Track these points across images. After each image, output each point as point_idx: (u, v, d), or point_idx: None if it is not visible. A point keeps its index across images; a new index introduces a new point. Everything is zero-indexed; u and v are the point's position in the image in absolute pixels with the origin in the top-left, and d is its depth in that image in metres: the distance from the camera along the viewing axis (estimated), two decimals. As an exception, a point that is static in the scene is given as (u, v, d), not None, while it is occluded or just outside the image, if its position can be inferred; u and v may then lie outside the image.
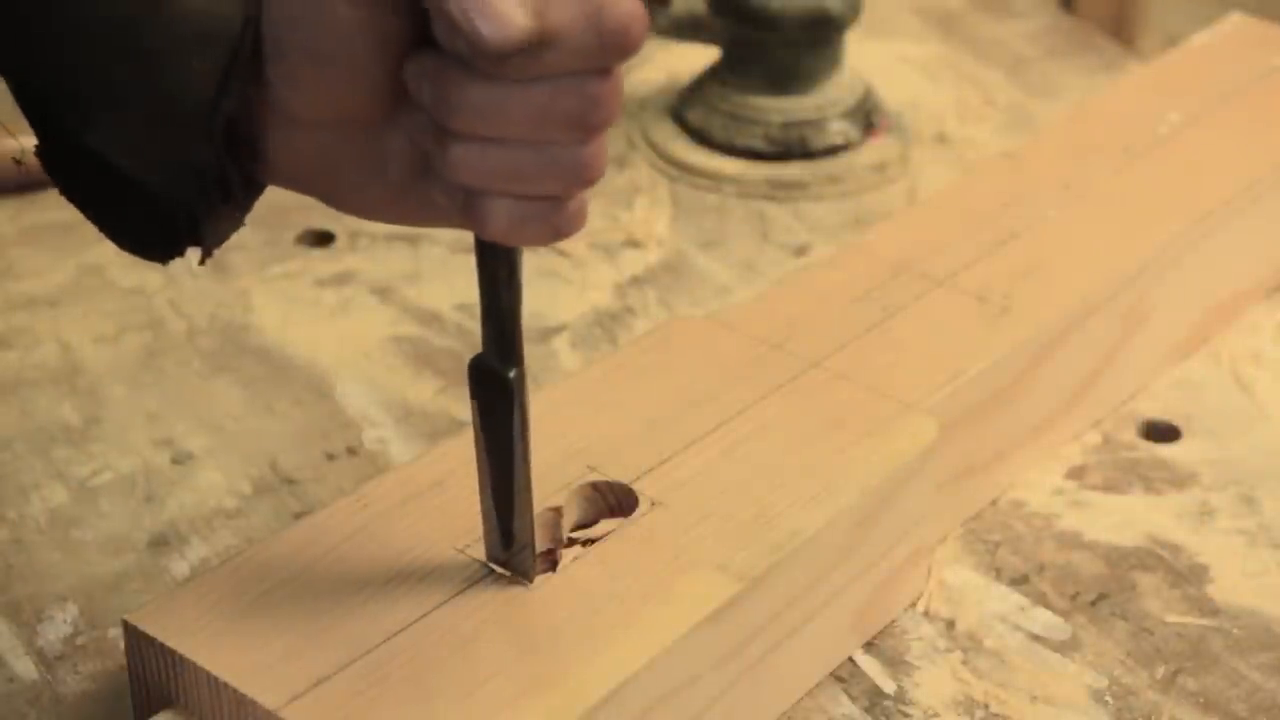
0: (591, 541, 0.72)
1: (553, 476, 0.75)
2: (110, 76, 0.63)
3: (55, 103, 0.64)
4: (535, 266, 1.05)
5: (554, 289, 1.03)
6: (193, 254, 1.08)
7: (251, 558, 0.71)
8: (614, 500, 0.75)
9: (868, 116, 1.16)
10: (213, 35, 0.62)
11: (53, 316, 1.00)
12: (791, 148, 1.14)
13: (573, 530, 0.74)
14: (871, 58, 1.25)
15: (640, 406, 0.79)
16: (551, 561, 0.72)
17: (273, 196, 0.70)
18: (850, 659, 0.79)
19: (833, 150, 1.14)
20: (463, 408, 0.93)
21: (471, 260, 1.09)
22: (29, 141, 0.67)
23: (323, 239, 1.07)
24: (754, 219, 1.10)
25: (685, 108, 1.17)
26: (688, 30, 1.19)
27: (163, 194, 0.64)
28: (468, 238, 1.12)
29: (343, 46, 0.62)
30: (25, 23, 0.63)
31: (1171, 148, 1.01)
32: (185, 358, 0.97)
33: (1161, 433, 0.93)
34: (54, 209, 1.09)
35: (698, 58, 1.19)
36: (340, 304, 1.01)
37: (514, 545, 0.70)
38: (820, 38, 1.14)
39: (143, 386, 0.95)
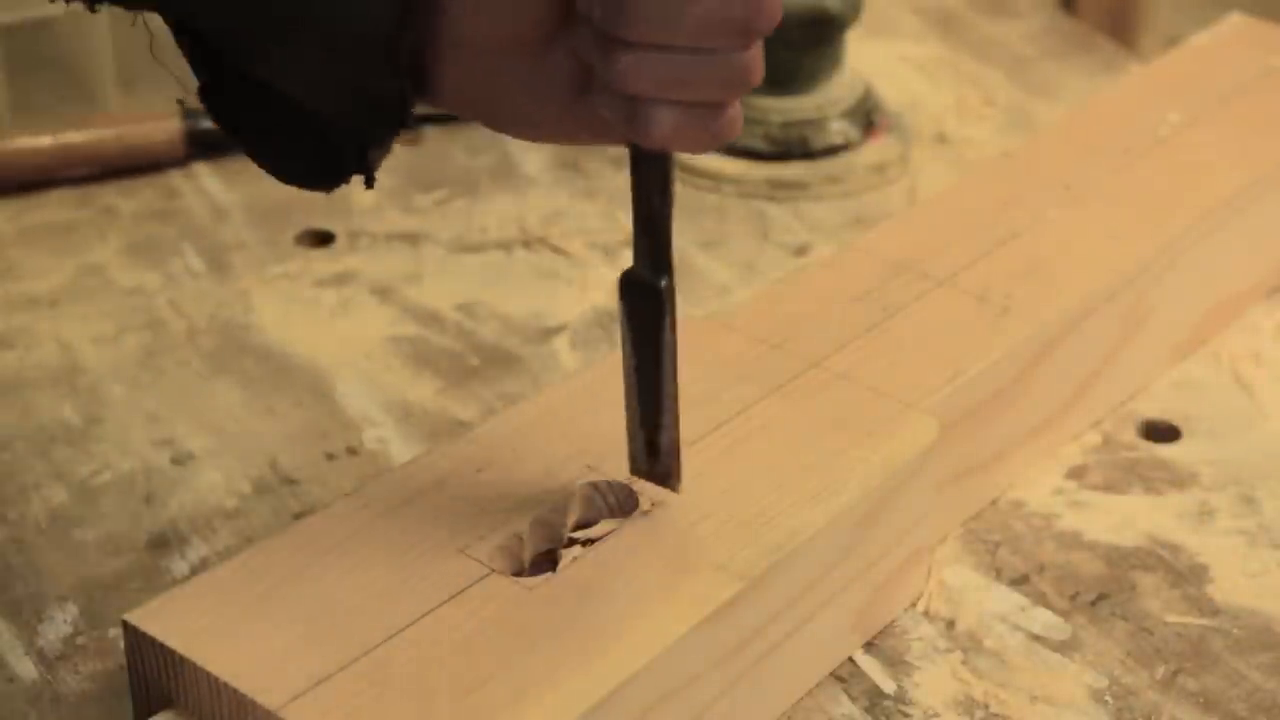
0: (591, 541, 0.72)
1: (553, 476, 0.75)
2: (287, 10, 0.64)
3: (225, 39, 0.66)
4: (535, 266, 1.05)
5: (554, 289, 1.03)
6: (192, 255, 1.09)
7: (251, 558, 0.71)
8: (614, 500, 0.75)
9: (868, 116, 1.16)
10: None
11: (53, 316, 1.00)
12: (791, 148, 1.14)
13: (573, 530, 0.74)
14: (871, 58, 1.25)
15: (640, 406, 0.79)
16: (551, 561, 0.72)
17: (273, 196, 0.70)
18: (850, 659, 0.79)
19: (833, 150, 1.14)
20: (462, 407, 0.93)
21: (472, 259, 1.09)
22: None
23: (323, 239, 1.07)
24: (754, 219, 1.11)
25: (685, 108, 1.17)
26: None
27: (336, 124, 0.66)
28: (468, 237, 1.13)
29: None
30: None
31: (1171, 148, 1.01)
32: (185, 358, 0.97)
33: (1161, 433, 0.93)
34: (54, 209, 1.09)
35: (698, 58, 1.19)
36: (340, 304, 1.01)
37: (659, 456, 0.72)
38: (820, 37, 1.14)
39: (143, 386, 0.95)
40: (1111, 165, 0.99)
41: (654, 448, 0.72)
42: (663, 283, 0.69)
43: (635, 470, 0.73)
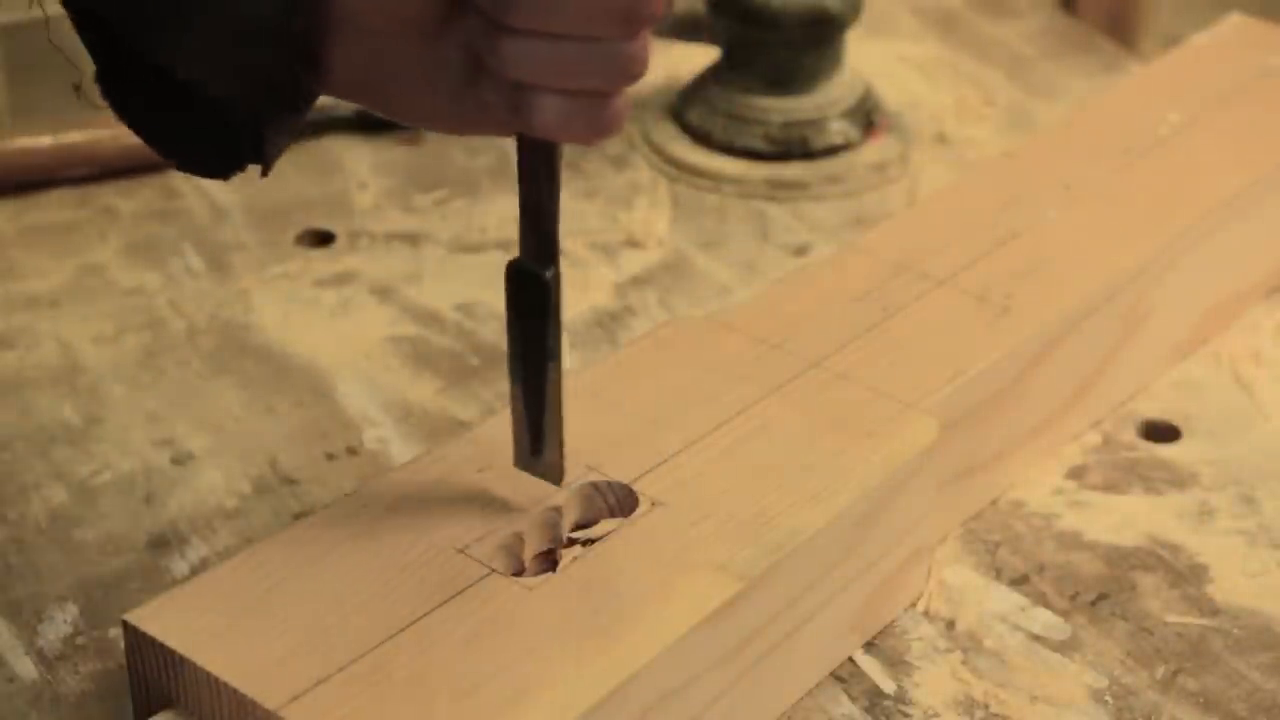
0: (591, 541, 0.72)
1: (553, 476, 0.75)
2: None
3: (124, 27, 0.66)
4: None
5: (554, 289, 1.03)
6: (192, 255, 1.08)
7: (251, 558, 0.71)
8: (614, 500, 0.75)
9: (868, 116, 1.16)
10: None
11: (53, 316, 1.00)
12: (791, 148, 1.14)
13: (573, 530, 0.74)
14: (871, 58, 1.25)
15: (640, 406, 0.79)
16: (551, 561, 0.72)
17: (273, 197, 0.70)
18: (850, 659, 0.79)
19: (833, 150, 1.14)
20: (462, 407, 0.93)
21: (471, 259, 1.09)
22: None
23: (323, 239, 1.07)
24: (754, 219, 1.11)
25: (685, 108, 1.17)
26: (688, 30, 1.19)
27: (233, 109, 0.66)
28: (468, 237, 1.12)
29: None
30: None
31: (1171, 148, 1.01)
32: (185, 358, 0.97)
33: (1161, 433, 0.93)
34: (54, 209, 1.09)
35: (698, 58, 1.19)
36: (340, 304, 1.01)
37: (544, 450, 0.71)
38: (820, 37, 1.14)
39: (143, 386, 0.95)
40: (1111, 165, 0.99)
41: (538, 443, 0.71)
42: (548, 273, 0.69)
43: (519, 463, 0.73)
